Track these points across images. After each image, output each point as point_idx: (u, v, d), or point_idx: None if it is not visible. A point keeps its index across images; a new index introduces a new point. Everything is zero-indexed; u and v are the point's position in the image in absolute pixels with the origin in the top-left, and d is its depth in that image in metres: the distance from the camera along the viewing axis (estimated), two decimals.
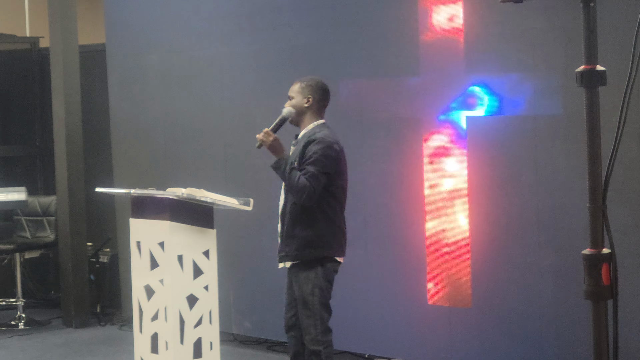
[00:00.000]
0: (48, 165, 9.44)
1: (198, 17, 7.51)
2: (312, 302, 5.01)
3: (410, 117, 6.31)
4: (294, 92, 5.23)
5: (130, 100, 8.11)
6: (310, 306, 5.01)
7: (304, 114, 5.19)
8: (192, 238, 4.76)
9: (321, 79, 5.29)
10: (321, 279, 5.04)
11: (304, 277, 5.03)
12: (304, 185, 4.89)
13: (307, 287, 5.02)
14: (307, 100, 5.18)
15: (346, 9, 6.61)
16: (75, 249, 8.26)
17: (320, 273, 5.05)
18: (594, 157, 2.88)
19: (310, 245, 5.03)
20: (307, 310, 5.02)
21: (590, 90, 2.89)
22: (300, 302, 5.05)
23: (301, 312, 5.05)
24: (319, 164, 4.96)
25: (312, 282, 5.02)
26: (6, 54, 9.94)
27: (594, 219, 2.87)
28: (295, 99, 5.21)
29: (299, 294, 5.04)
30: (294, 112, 5.18)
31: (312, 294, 5.01)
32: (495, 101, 5.92)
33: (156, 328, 4.78)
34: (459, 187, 6.10)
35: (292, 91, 5.24)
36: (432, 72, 6.17)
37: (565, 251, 5.62)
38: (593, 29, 2.87)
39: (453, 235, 6.15)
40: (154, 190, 4.92)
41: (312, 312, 5.02)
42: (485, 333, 6.05)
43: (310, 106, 5.19)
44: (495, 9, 5.81)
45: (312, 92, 5.19)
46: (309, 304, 5.01)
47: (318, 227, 5.04)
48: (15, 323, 8.33)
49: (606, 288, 2.87)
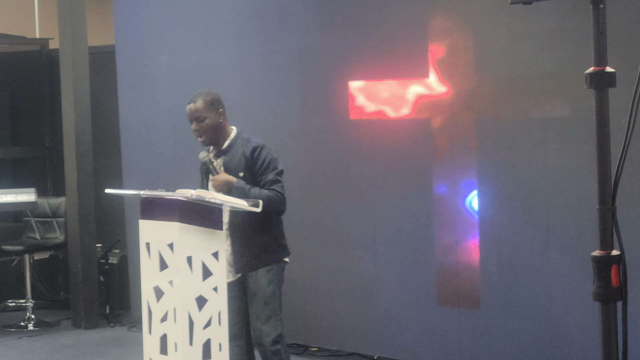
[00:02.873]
0: (57, 167, 9.46)
1: (207, 18, 7.52)
2: (273, 302, 5.15)
3: (419, 118, 6.31)
4: (204, 112, 5.10)
5: (140, 101, 8.13)
6: (272, 307, 5.14)
7: (221, 127, 5.17)
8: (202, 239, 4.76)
9: (209, 89, 5.25)
10: (280, 279, 5.22)
11: (265, 280, 5.14)
12: (271, 196, 4.99)
13: (269, 289, 5.13)
14: (219, 114, 5.14)
15: (355, 11, 6.61)
16: (84, 250, 8.28)
17: (280, 274, 5.21)
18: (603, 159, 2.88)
19: (269, 249, 5.16)
20: (267, 310, 5.12)
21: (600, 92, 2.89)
22: (260, 303, 5.13)
23: (260, 313, 5.13)
24: (272, 167, 5.08)
25: (274, 283, 5.17)
26: (16, 55, 9.96)
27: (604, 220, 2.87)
28: (208, 118, 5.10)
29: (262, 295, 5.12)
30: (207, 154, 5.17)
31: (273, 295, 5.14)
32: (504, 102, 5.91)
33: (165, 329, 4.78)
34: (468, 189, 6.09)
35: (198, 112, 5.09)
36: (441, 73, 6.17)
37: (574, 253, 5.61)
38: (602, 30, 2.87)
39: (462, 237, 6.15)
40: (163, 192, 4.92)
41: (273, 312, 5.13)
42: (494, 335, 6.04)
43: (224, 118, 5.18)
44: (504, 11, 5.80)
45: (219, 104, 5.16)
46: (270, 305, 5.13)
47: (275, 230, 5.19)
48: (24, 324, 8.35)
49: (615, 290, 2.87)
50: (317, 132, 6.90)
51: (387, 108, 6.48)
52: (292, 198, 5.50)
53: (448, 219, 6.21)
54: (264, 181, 5.03)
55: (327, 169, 6.87)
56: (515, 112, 5.86)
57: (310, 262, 6.94)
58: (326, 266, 6.89)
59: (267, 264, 5.15)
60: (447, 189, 6.20)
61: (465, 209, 6.12)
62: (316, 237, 6.92)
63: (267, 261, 5.16)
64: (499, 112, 5.94)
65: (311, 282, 6.95)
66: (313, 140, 6.92)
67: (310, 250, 6.94)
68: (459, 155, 6.12)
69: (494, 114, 5.96)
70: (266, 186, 5.02)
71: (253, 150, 5.09)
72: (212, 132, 5.13)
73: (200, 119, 5.10)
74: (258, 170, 5.07)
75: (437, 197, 6.25)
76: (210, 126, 5.11)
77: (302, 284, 6.94)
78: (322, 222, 6.89)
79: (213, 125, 5.12)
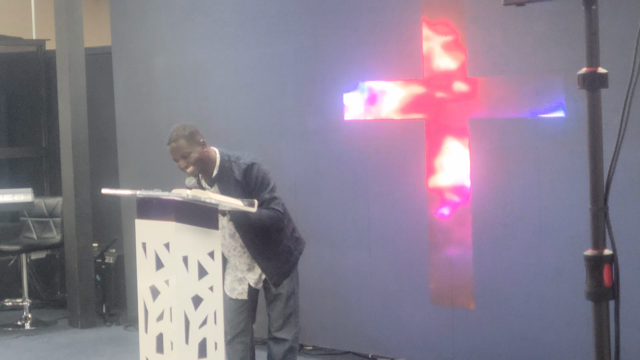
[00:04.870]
0: (54, 167, 9.47)
1: (203, 20, 7.54)
2: (294, 298, 5.33)
3: (413, 119, 6.34)
4: (187, 148, 5.09)
5: (136, 102, 8.14)
6: (293, 303, 5.32)
7: (207, 156, 5.18)
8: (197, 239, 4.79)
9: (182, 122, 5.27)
10: (297, 274, 5.42)
11: (287, 279, 5.31)
12: (271, 215, 5.10)
13: (290, 287, 5.31)
14: (201, 145, 5.14)
15: (349, 13, 6.63)
16: (81, 249, 8.29)
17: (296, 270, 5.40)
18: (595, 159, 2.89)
19: (290, 249, 5.32)
20: (288, 308, 5.31)
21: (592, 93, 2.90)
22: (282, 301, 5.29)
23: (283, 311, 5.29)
24: (266, 184, 5.13)
25: (294, 281, 5.35)
26: (12, 56, 9.97)
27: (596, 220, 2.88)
28: (193, 153, 5.10)
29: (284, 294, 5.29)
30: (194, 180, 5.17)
31: (293, 292, 5.32)
32: (498, 103, 5.94)
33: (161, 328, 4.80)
34: (461, 189, 6.12)
35: (182, 150, 5.09)
36: (435, 74, 6.20)
37: (566, 252, 5.64)
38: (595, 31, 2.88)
39: (456, 236, 6.17)
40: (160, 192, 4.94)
41: (294, 310, 5.32)
42: (487, 334, 6.07)
43: (206, 146, 5.18)
44: (497, 12, 5.83)
45: (197, 135, 5.15)
46: (291, 301, 5.31)
47: (286, 230, 5.32)
48: (21, 323, 8.36)
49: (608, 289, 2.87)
50: (312, 132, 6.92)
51: (380, 109, 6.50)
52: (287, 199, 5.52)
53: (441, 219, 6.23)
54: (261, 201, 5.07)
55: (322, 169, 6.89)
56: (508, 112, 5.89)
57: (305, 262, 6.93)
58: (321, 265, 6.91)
59: (293, 267, 5.35)
60: (440, 189, 6.22)
61: (458, 210, 6.15)
62: (311, 236, 6.93)
63: (294, 262, 5.35)
64: (491, 112, 5.96)
65: (306, 281, 6.95)
66: (307, 140, 6.94)
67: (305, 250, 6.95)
68: (452, 155, 6.14)
69: (487, 115, 5.98)
70: (264, 205, 5.06)
71: (244, 172, 5.12)
72: (200, 163, 5.14)
73: (186, 155, 5.10)
74: (252, 190, 5.11)
75: (430, 197, 6.28)
76: (198, 159, 5.12)
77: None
78: (316, 221, 6.91)
79: (199, 157, 5.12)
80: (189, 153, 5.09)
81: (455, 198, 6.16)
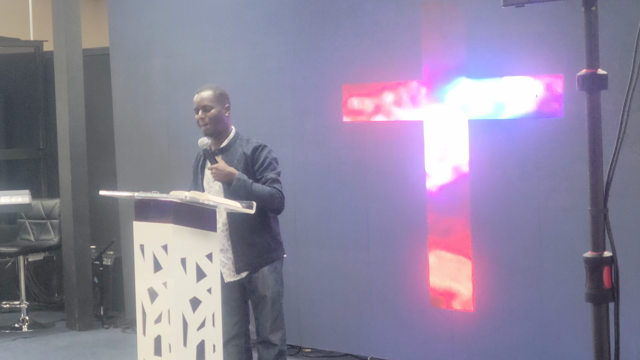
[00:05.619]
0: (52, 168, 9.46)
1: (201, 21, 7.53)
2: (279, 301, 5.29)
3: (412, 120, 6.33)
4: (211, 102, 5.14)
5: (134, 103, 8.13)
6: (278, 305, 5.27)
7: (224, 122, 5.21)
8: (195, 241, 4.77)
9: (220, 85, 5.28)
10: (282, 276, 5.35)
11: (272, 280, 5.25)
12: (274, 194, 5.06)
13: (275, 288, 5.26)
14: (225, 108, 5.19)
15: (348, 14, 6.63)
16: (78, 251, 8.28)
17: (281, 271, 5.33)
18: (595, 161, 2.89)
19: (269, 247, 5.25)
20: (275, 310, 5.26)
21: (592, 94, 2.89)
22: (269, 303, 5.24)
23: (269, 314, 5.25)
24: (273, 167, 5.14)
25: (279, 283, 5.30)
26: (10, 57, 9.96)
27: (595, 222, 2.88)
28: (215, 109, 5.15)
29: (270, 296, 5.24)
30: (208, 141, 5.15)
31: (279, 294, 5.27)
32: (497, 105, 5.93)
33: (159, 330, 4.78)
34: (460, 191, 6.11)
35: (206, 100, 5.14)
36: (434, 75, 6.19)
37: (566, 254, 5.63)
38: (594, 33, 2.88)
39: (455, 238, 6.16)
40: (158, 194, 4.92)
41: (279, 312, 5.28)
42: (487, 336, 6.06)
43: (229, 114, 5.22)
44: (497, 13, 5.82)
45: (226, 99, 5.22)
46: (277, 303, 5.27)
47: (273, 229, 5.28)
48: (19, 326, 8.35)
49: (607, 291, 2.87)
50: (310, 134, 6.91)
51: (379, 110, 6.49)
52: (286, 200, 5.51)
53: (440, 221, 6.22)
54: (265, 179, 5.08)
55: (320, 171, 6.88)
56: (507, 113, 5.88)
57: (304, 264, 6.95)
58: (320, 267, 6.90)
59: (269, 263, 5.24)
60: (440, 191, 6.21)
61: (457, 212, 6.14)
62: (310, 238, 6.93)
63: (269, 259, 5.25)
64: (490, 113, 5.95)
65: (305, 283, 6.96)
66: (306, 142, 6.93)
67: (303, 252, 6.95)
68: (451, 157, 6.13)
69: (486, 116, 5.97)
70: (267, 183, 5.07)
71: (254, 149, 5.15)
72: (215, 123, 5.17)
73: (207, 108, 5.16)
74: (258, 168, 5.12)
75: (429, 199, 6.26)
76: (215, 117, 5.16)
77: (296, 285, 6.94)
78: (315, 223, 6.90)
79: (218, 116, 5.17)
80: (210, 107, 5.15)
81: (455, 200, 6.14)
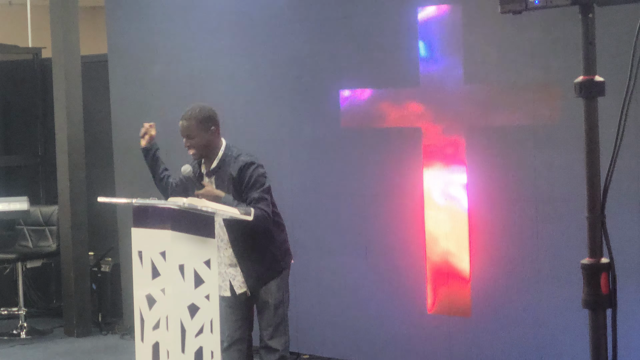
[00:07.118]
0: (50, 175, 9.45)
1: (199, 28, 7.54)
2: (283, 307, 5.29)
3: (409, 127, 6.33)
4: (193, 131, 5.11)
5: (132, 110, 8.13)
6: (282, 312, 5.28)
7: (212, 144, 5.18)
8: (194, 247, 4.77)
9: (204, 104, 5.24)
10: (287, 283, 5.36)
11: (275, 287, 5.26)
12: (258, 215, 4.99)
13: (279, 295, 5.27)
14: (210, 133, 5.15)
15: (345, 21, 6.64)
16: (77, 258, 8.28)
17: (286, 278, 5.35)
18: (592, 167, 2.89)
19: (276, 258, 5.26)
20: (277, 317, 5.27)
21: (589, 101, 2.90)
22: (271, 310, 5.25)
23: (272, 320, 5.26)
24: (259, 185, 5.08)
25: (283, 289, 5.30)
26: (8, 64, 9.96)
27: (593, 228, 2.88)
28: (197, 138, 5.11)
29: (272, 302, 5.24)
30: (190, 169, 5.18)
31: (282, 301, 5.28)
32: (494, 111, 5.94)
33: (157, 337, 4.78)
34: (458, 197, 6.11)
35: (188, 130, 5.11)
36: (431, 82, 6.20)
37: (564, 260, 5.63)
38: (592, 40, 2.89)
39: (452, 244, 6.16)
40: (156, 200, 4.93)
41: (282, 318, 5.28)
42: (484, 343, 6.06)
43: (216, 135, 5.19)
44: (494, 20, 5.83)
45: (211, 121, 5.16)
46: (280, 309, 5.27)
47: (277, 238, 5.27)
48: (17, 332, 8.34)
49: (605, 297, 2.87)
50: (308, 140, 6.91)
51: (377, 117, 6.50)
52: (283, 206, 5.52)
53: (438, 227, 6.23)
54: (250, 199, 5.04)
55: (318, 176, 6.88)
56: (505, 120, 5.89)
57: (302, 270, 6.94)
58: (317, 273, 6.90)
59: (279, 272, 5.27)
60: (438, 197, 6.21)
61: (455, 218, 6.14)
62: (307, 244, 6.93)
63: (278, 269, 5.27)
64: (488, 121, 5.96)
65: (302, 289, 6.96)
66: (304, 148, 6.94)
67: (301, 258, 6.95)
68: (449, 164, 6.14)
69: (484, 123, 5.98)
70: (252, 204, 5.02)
71: (240, 169, 5.10)
72: (201, 149, 5.17)
73: (191, 136, 5.13)
74: (244, 187, 5.09)
75: (427, 205, 6.27)
76: (200, 144, 5.14)
77: (294, 291, 6.89)
78: (313, 230, 6.90)
79: (203, 142, 5.14)
80: (194, 136, 5.12)
81: (452, 206, 6.15)
